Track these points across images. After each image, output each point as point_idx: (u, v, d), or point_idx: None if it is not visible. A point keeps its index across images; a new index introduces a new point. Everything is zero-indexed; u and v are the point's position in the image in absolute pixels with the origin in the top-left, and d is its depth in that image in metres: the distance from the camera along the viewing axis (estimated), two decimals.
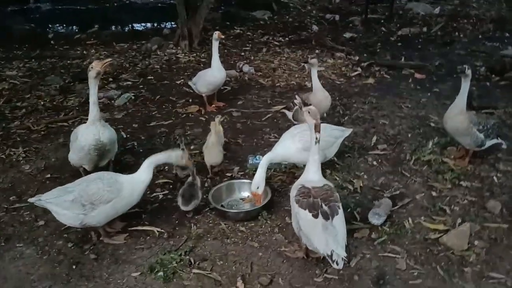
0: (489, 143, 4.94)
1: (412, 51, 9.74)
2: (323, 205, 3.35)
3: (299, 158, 4.47)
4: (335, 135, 4.66)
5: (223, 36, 6.38)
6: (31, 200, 3.82)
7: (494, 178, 4.79)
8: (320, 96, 5.29)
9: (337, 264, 3.19)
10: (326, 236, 3.25)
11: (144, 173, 3.86)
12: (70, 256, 3.77)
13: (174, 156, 4.00)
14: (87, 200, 3.64)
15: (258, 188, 4.17)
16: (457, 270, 3.55)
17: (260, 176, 4.18)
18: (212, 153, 4.84)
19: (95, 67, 4.40)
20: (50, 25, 12.58)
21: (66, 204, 3.66)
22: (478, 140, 4.84)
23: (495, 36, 10.75)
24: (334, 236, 3.25)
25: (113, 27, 12.66)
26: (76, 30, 12.20)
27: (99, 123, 4.48)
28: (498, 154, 5.25)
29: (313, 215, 3.32)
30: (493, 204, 4.27)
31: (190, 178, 4.28)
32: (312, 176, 3.61)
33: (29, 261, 3.74)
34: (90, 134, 4.41)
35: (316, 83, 5.29)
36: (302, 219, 3.39)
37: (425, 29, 11.46)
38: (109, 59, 4.67)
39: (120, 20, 13.06)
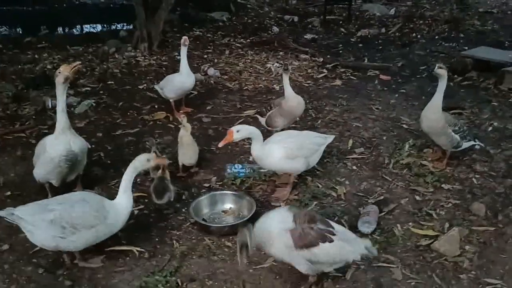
0: (465, 144, 4.95)
1: (374, 52, 9.84)
2: (312, 227, 3.11)
3: (280, 167, 4.32)
4: (318, 142, 4.52)
5: (187, 43, 6.11)
6: (1, 213, 3.39)
7: (473, 179, 4.81)
8: (293, 102, 5.13)
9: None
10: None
11: (124, 199, 3.54)
12: (42, 284, 3.42)
13: (138, 163, 3.65)
14: (69, 222, 3.30)
15: (238, 131, 4.01)
16: (452, 277, 3.49)
17: (247, 128, 4.11)
18: (187, 152, 4.75)
19: (63, 72, 4.04)
20: None
21: (43, 224, 3.29)
22: (453, 141, 4.84)
23: (451, 36, 11.04)
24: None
25: (64, 29, 12.05)
26: (21, 33, 11.49)
27: (69, 132, 4.14)
28: (473, 155, 5.30)
29: (329, 241, 3.08)
30: (477, 206, 4.27)
31: (159, 172, 4.09)
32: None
33: None
34: (61, 144, 4.06)
35: (288, 89, 5.12)
36: (321, 252, 3.08)
37: (383, 30, 11.65)
38: (78, 62, 4.32)
39: (71, 22, 12.39)
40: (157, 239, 3.90)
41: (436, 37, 11.03)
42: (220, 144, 4.08)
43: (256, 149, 4.15)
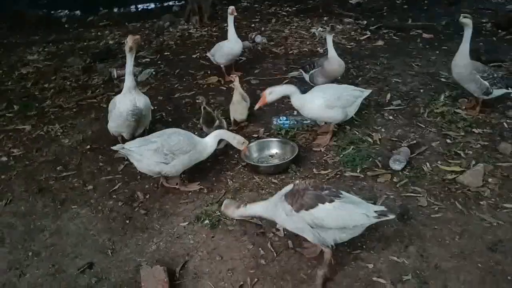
0: (497, 92, 5.19)
1: (419, 12, 9.93)
2: (309, 189, 3.19)
3: (319, 115, 4.80)
4: (355, 95, 4.96)
5: (235, 13, 6.63)
6: (114, 147, 4.18)
7: (504, 124, 5.10)
8: (335, 64, 5.58)
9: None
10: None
11: (211, 140, 4.26)
12: (122, 213, 4.18)
13: (236, 141, 4.30)
14: (169, 149, 4.05)
15: (270, 94, 4.52)
16: (473, 203, 3.91)
17: (279, 88, 4.61)
18: (238, 109, 5.37)
19: (128, 43, 4.72)
20: (58, 9, 12.75)
21: (149, 153, 4.05)
22: (483, 87, 5.12)
23: None
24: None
25: (120, 8, 12.84)
26: (83, 13, 12.37)
27: (134, 91, 4.82)
28: (508, 102, 5.55)
29: (328, 202, 3.11)
30: (504, 146, 4.59)
31: (217, 123, 5.09)
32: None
33: (86, 219, 4.16)
34: (127, 100, 4.75)
35: (331, 51, 5.56)
36: (320, 213, 3.09)
37: None
38: (137, 36, 4.96)
39: (124, 0, 13.19)
40: (213, 178, 4.56)
41: None
42: (256, 107, 4.64)
43: (295, 100, 4.67)
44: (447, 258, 3.37)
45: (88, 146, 5.39)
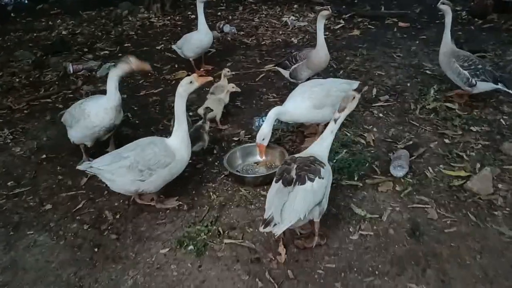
0: (482, 85, 4.87)
1: (390, 0, 9.61)
2: (294, 172, 3.09)
3: (308, 117, 4.31)
4: (344, 89, 4.50)
5: None
6: (80, 167, 3.54)
7: (501, 120, 4.80)
8: (322, 54, 5.09)
9: (269, 227, 2.89)
10: (273, 199, 3.01)
11: (180, 133, 3.62)
12: (89, 239, 3.55)
13: (181, 89, 3.55)
14: (145, 165, 3.48)
15: (263, 139, 3.99)
16: (487, 214, 3.54)
17: (267, 127, 4.00)
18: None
19: (131, 62, 4.15)
20: None
21: (122, 171, 3.47)
22: (462, 77, 4.88)
23: None
24: (281, 203, 2.96)
25: None
26: (27, 1, 11.37)
27: (120, 108, 4.24)
28: (499, 96, 5.26)
29: (275, 180, 3.12)
30: (508, 146, 4.27)
31: (200, 122, 4.43)
32: (312, 149, 3.40)
33: (45, 248, 3.50)
34: (107, 118, 4.15)
35: (321, 39, 5.06)
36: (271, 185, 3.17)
37: None
38: (149, 65, 4.36)
39: None
40: (194, 192, 3.99)
41: None
42: (260, 158, 4.09)
43: (283, 116, 4.17)
44: (472, 283, 2.98)
45: (44, 156, 4.69)
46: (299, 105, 4.22)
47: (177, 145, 3.61)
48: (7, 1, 11.23)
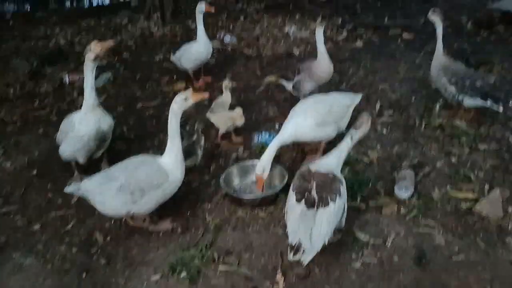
0: (470, 101, 4.65)
1: (394, 10, 9.47)
2: (315, 191, 3.00)
3: (313, 136, 4.13)
4: (346, 104, 4.34)
5: (213, 10, 5.89)
6: (67, 189, 3.36)
7: (510, 138, 4.60)
8: (325, 64, 4.92)
9: (299, 255, 2.80)
10: (299, 224, 2.89)
11: (173, 152, 3.45)
12: (77, 263, 3.37)
13: (176, 106, 3.40)
14: (136, 186, 3.30)
15: (263, 171, 3.83)
16: (498, 240, 3.35)
17: (267, 158, 3.85)
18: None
19: (94, 49, 3.92)
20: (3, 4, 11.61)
21: (111, 193, 3.29)
22: (449, 93, 4.75)
23: None
24: (308, 228, 2.86)
25: (73, 2, 11.83)
26: (28, 9, 11.29)
27: (99, 109, 4.06)
28: (507, 112, 5.06)
29: (296, 199, 3.00)
30: None
31: (194, 137, 4.29)
32: (325, 162, 3.29)
33: (31, 272, 3.32)
34: (90, 123, 3.98)
35: (321, 48, 4.89)
36: (289, 201, 3.10)
37: None
38: (111, 40, 4.15)
39: None
40: (188, 213, 3.81)
41: None
42: (259, 189, 3.87)
43: (284, 141, 4.01)
44: None
45: (35, 172, 4.52)
46: (302, 124, 4.04)
47: (170, 164, 3.44)
48: (9, 8, 11.18)
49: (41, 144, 5.00)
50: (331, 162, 3.26)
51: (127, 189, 3.29)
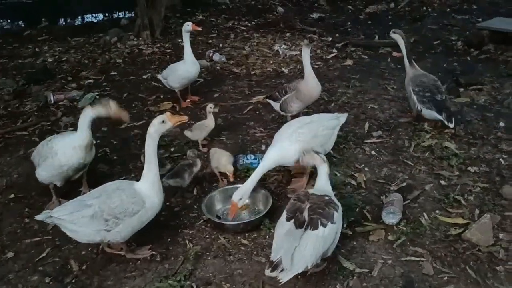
0: (427, 112, 4.91)
1: (384, 29, 9.39)
2: (307, 213, 2.97)
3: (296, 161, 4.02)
4: (331, 126, 4.24)
5: (199, 28, 5.83)
6: (39, 217, 3.20)
7: (501, 160, 4.52)
8: (312, 83, 4.82)
9: (276, 272, 2.75)
10: (283, 241, 2.86)
11: (150, 176, 3.34)
12: None
13: (153, 129, 3.31)
14: (110, 214, 3.15)
15: (240, 199, 3.72)
16: (488, 269, 3.23)
17: (248, 187, 3.76)
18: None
19: (111, 107, 3.88)
20: None
21: (84, 221, 3.14)
22: (412, 102, 5.06)
23: (463, 8, 10.64)
24: (291, 246, 2.81)
25: (64, 20, 11.72)
26: (23, 26, 11.20)
27: (90, 146, 3.94)
28: (497, 133, 5.01)
29: (286, 218, 3.00)
30: (508, 190, 3.99)
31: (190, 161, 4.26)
32: (318, 186, 3.31)
33: None
34: (75, 157, 3.85)
35: (308, 68, 4.81)
36: (279, 220, 3.10)
37: (392, 5, 11.25)
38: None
39: (70, 12, 12.03)
40: (168, 240, 3.66)
41: (448, 9, 10.61)
42: (231, 217, 3.76)
43: (268, 168, 3.94)
44: None
45: (12, 195, 4.37)
46: (287, 149, 3.93)
47: (147, 190, 3.30)
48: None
49: (21, 166, 4.86)
50: (326, 185, 3.30)
51: (100, 217, 3.15)
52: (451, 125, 4.73)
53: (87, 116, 3.82)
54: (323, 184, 3.31)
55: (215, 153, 4.35)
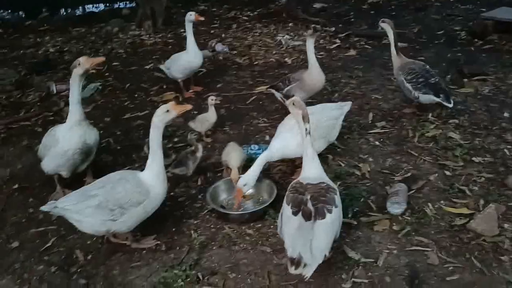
0: (424, 97, 4.91)
1: (387, 19, 9.36)
2: (310, 204, 2.96)
3: (300, 153, 3.98)
4: (335, 116, 4.23)
5: (202, 18, 5.80)
6: (44, 208, 3.21)
7: (505, 150, 4.50)
8: (316, 74, 4.81)
9: (300, 268, 2.73)
10: (298, 237, 2.83)
11: (155, 166, 3.34)
12: (55, 284, 3.23)
13: (157, 119, 3.29)
14: (115, 204, 3.15)
15: (245, 185, 3.71)
16: (493, 259, 3.23)
17: (253, 174, 3.74)
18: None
19: (84, 64, 3.81)
20: None
21: (89, 211, 3.15)
22: (407, 90, 5.03)
23: None
24: (307, 240, 2.80)
25: (65, 10, 11.68)
26: (23, 16, 11.16)
27: (85, 123, 3.94)
28: (502, 123, 4.99)
29: (293, 212, 2.96)
30: None
31: (192, 147, 4.28)
32: (308, 173, 3.25)
33: None
34: (75, 137, 3.87)
35: (312, 59, 4.79)
36: (284, 215, 3.04)
37: None
38: (102, 58, 4.02)
39: (71, 2, 11.98)
40: (173, 230, 3.67)
41: None
42: (236, 206, 3.76)
43: (271, 158, 3.93)
44: None
45: (16, 185, 4.38)
46: (289, 142, 3.92)
47: (151, 180, 3.30)
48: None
49: (24, 156, 4.86)
50: (315, 170, 3.25)
51: (105, 207, 3.15)
52: (450, 105, 4.77)
53: (73, 87, 3.90)
54: (315, 171, 3.27)
55: (229, 146, 4.26)
